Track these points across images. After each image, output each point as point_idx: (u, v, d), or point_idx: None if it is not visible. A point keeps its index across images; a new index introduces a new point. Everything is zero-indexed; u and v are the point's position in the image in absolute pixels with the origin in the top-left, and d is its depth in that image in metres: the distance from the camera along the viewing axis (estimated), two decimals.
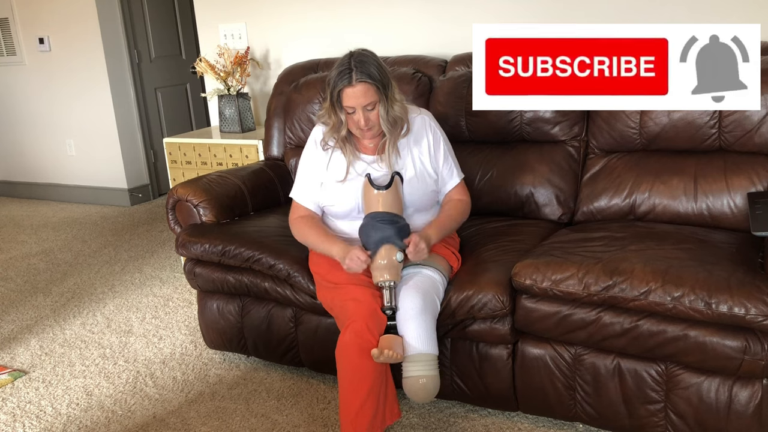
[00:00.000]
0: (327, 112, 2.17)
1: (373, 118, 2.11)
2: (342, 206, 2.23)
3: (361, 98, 2.06)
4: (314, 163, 2.29)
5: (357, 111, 2.09)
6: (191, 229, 2.63)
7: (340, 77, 2.06)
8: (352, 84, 2.05)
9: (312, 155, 2.30)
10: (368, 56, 2.10)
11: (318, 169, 2.28)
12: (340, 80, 2.06)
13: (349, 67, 2.05)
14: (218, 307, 2.66)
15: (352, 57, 2.08)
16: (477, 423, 2.25)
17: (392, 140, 2.18)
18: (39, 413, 2.49)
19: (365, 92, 2.06)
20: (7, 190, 5.97)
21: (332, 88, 2.09)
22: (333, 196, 2.24)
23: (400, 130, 2.19)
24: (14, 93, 5.60)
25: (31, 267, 4.05)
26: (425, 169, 2.25)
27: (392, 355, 1.91)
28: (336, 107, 2.13)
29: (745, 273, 1.89)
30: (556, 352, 2.10)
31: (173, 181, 3.67)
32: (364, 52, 2.11)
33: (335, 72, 2.08)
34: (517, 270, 2.07)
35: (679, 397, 1.95)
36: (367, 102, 2.07)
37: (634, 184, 2.45)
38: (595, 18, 2.89)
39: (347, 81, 2.05)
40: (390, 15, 3.36)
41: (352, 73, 2.04)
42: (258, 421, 2.34)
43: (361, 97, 2.06)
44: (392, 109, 2.13)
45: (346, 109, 2.11)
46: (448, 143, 2.33)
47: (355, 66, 2.05)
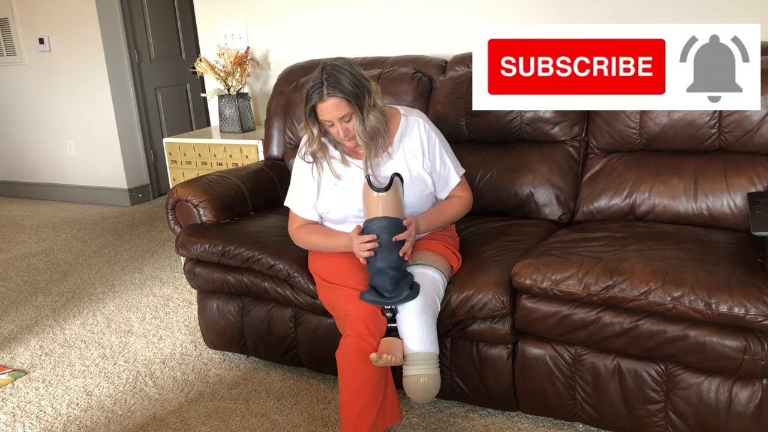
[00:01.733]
0: (304, 126, 2.18)
1: (352, 129, 2.10)
2: (338, 212, 2.23)
3: (334, 112, 2.06)
4: (304, 172, 2.30)
5: (335, 124, 2.09)
6: (191, 229, 2.63)
7: (312, 92, 2.06)
8: (323, 99, 2.04)
9: (301, 165, 2.30)
10: (340, 68, 2.06)
11: (309, 179, 2.28)
12: (313, 95, 2.06)
13: (321, 81, 2.04)
14: (218, 307, 2.66)
15: (323, 70, 2.06)
16: (477, 423, 2.25)
17: (372, 152, 2.16)
18: (39, 413, 2.49)
19: (337, 106, 2.05)
20: (7, 190, 5.97)
21: (305, 103, 2.10)
22: (328, 203, 2.24)
23: (382, 139, 2.16)
24: (14, 93, 5.60)
25: (31, 267, 4.05)
26: (419, 173, 2.22)
27: (391, 359, 1.92)
28: (310, 122, 2.14)
29: (745, 273, 1.89)
30: (556, 352, 2.10)
31: (173, 181, 3.67)
32: (337, 64, 2.08)
33: (309, 86, 2.08)
34: (517, 270, 2.07)
35: (679, 397, 1.95)
36: (341, 115, 2.07)
37: (634, 184, 2.45)
38: (595, 18, 2.89)
39: (318, 96, 2.05)
40: (390, 15, 3.36)
41: (323, 87, 2.04)
42: (258, 421, 2.34)
43: (334, 110, 2.06)
44: (368, 119, 2.09)
45: (324, 123, 2.12)
46: (445, 142, 2.31)
47: (326, 81, 2.04)
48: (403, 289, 2.00)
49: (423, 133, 2.24)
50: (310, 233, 2.29)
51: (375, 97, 2.12)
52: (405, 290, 2.00)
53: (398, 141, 2.22)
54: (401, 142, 2.22)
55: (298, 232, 2.32)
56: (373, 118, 2.10)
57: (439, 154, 2.26)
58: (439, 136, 2.29)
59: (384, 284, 2.02)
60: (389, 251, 2.05)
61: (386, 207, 2.08)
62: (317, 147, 2.20)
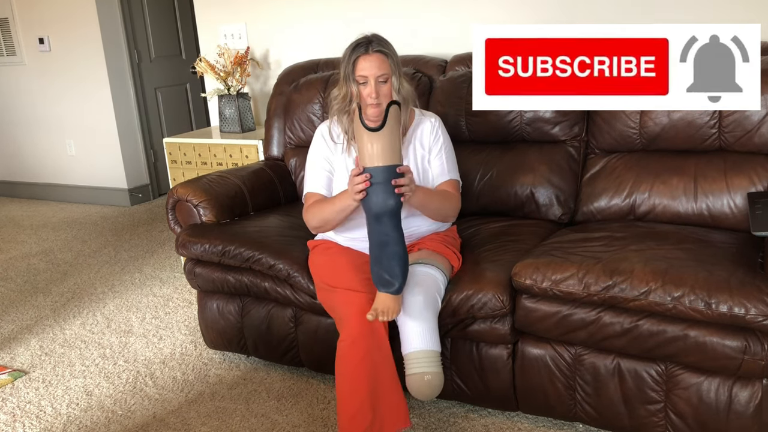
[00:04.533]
0: (338, 87, 2.23)
1: (384, 92, 2.14)
2: None
3: (376, 68, 2.12)
4: (321, 153, 2.32)
5: (369, 82, 2.13)
6: (191, 229, 2.63)
7: (356, 48, 2.14)
8: (369, 53, 2.12)
9: (318, 147, 2.34)
10: (384, 38, 2.19)
11: (325, 159, 2.31)
12: (357, 50, 2.14)
13: (366, 40, 2.14)
14: (218, 307, 2.66)
15: (368, 35, 2.17)
16: (477, 423, 2.25)
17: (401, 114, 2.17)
18: (39, 413, 2.49)
19: (380, 63, 2.12)
20: (7, 190, 5.97)
21: (347, 59, 2.15)
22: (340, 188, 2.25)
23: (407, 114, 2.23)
24: (14, 93, 5.61)
25: (31, 267, 4.05)
26: (426, 166, 2.28)
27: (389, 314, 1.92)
28: (349, 78, 2.17)
29: (745, 273, 1.89)
30: (556, 352, 2.10)
31: (173, 181, 3.67)
32: (379, 35, 2.20)
33: (351, 46, 2.16)
34: (517, 270, 2.07)
35: (679, 397, 1.95)
36: (381, 73, 2.12)
37: (634, 184, 2.45)
38: (595, 18, 2.89)
39: (363, 50, 2.13)
40: (390, 15, 3.36)
41: (370, 44, 2.13)
42: (258, 421, 2.34)
43: (376, 67, 2.12)
44: (403, 86, 2.19)
45: (359, 78, 2.15)
46: (450, 147, 2.34)
47: (372, 40, 2.14)
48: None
49: (433, 130, 2.30)
50: (320, 204, 2.26)
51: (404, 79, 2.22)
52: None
53: (411, 134, 2.28)
54: (413, 135, 2.28)
55: (310, 210, 2.29)
56: (406, 86, 2.19)
57: (438, 150, 2.29)
58: (447, 140, 2.33)
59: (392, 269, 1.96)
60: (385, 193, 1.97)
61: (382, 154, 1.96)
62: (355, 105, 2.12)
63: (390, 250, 1.98)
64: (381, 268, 1.96)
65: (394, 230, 2.00)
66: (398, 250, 1.98)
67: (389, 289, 1.95)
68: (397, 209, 2.00)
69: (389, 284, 1.95)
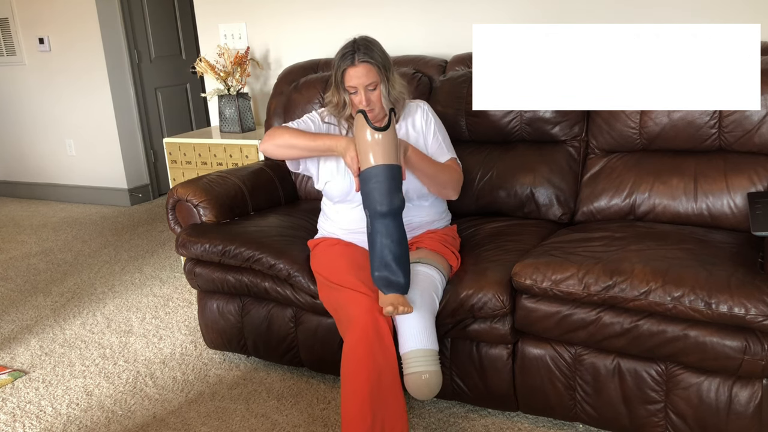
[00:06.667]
0: (332, 93, 2.26)
1: (374, 99, 2.18)
2: (338, 186, 2.27)
3: (363, 78, 2.14)
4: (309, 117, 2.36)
5: (359, 91, 2.16)
6: (191, 229, 2.63)
7: (343, 58, 2.16)
8: (355, 64, 2.14)
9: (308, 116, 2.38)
10: (371, 41, 2.20)
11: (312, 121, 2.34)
12: (343, 61, 2.16)
13: (353, 49, 2.15)
14: (218, 307, 2.66)
15: (355, 41, 2.18)
16: (477, 423, 2.25)
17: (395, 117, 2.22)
18: (39, 413, 2.49)
19: (367, 72, 2.14)
20: (7, 190, 5.97)
21: (336, 68, 2.18)
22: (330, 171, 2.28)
23: (401, 110, 2.28)
24: (14, 93, 5.61)
25: (31, 267, 4.05)
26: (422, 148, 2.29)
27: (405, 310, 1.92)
28: (339, 88, 2.21)
29: (745, 273, 1.89)
30: (556, 352, 2.10)
31: (173, 181, 3.67)
32: (367, 37, 2.21)
33: (339, 54, 2.18)
34: (517, 270, 2.07)
35: (679, 397, 1.95)
36: (369, 82, 2.15)
37: (634, 184, 2.45)
38: (595, 18, 2.89)
39: (350, 61, 2.15)
40: (390, 15, 3.36)
41: (355, 54, 2.14)
42: (258, 421, 2.34)
43: (363, 76, 2.14)
44: (393, 89, 2.22)
45: (348, 89, 2.18)
46: (443, 129, 2.38)
47: (358, 48, 2.15)
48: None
49: (423, 114, 2.34)
50: (294, 132, 2.23)
51: (396, 77, 2.25)
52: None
53: (401, 122, 2.32)
54: (404, 122, 2.32)
55: (279, 129, 2.27)
56: (398, 87, 2.25)
57: (433, 133, 2.32)
58: (438, 122, 2.37)
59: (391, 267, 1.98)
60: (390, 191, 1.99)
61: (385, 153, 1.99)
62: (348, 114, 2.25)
63: (394, 250, 1.99)
64: (387, 271, 1.98)
65: (397, 230, 2.01)
66: (402, 251, 2.00)
67: (397, 290, 1.97)
68: (400, 208, 2.02)
69: (397, 285, 1.97)
